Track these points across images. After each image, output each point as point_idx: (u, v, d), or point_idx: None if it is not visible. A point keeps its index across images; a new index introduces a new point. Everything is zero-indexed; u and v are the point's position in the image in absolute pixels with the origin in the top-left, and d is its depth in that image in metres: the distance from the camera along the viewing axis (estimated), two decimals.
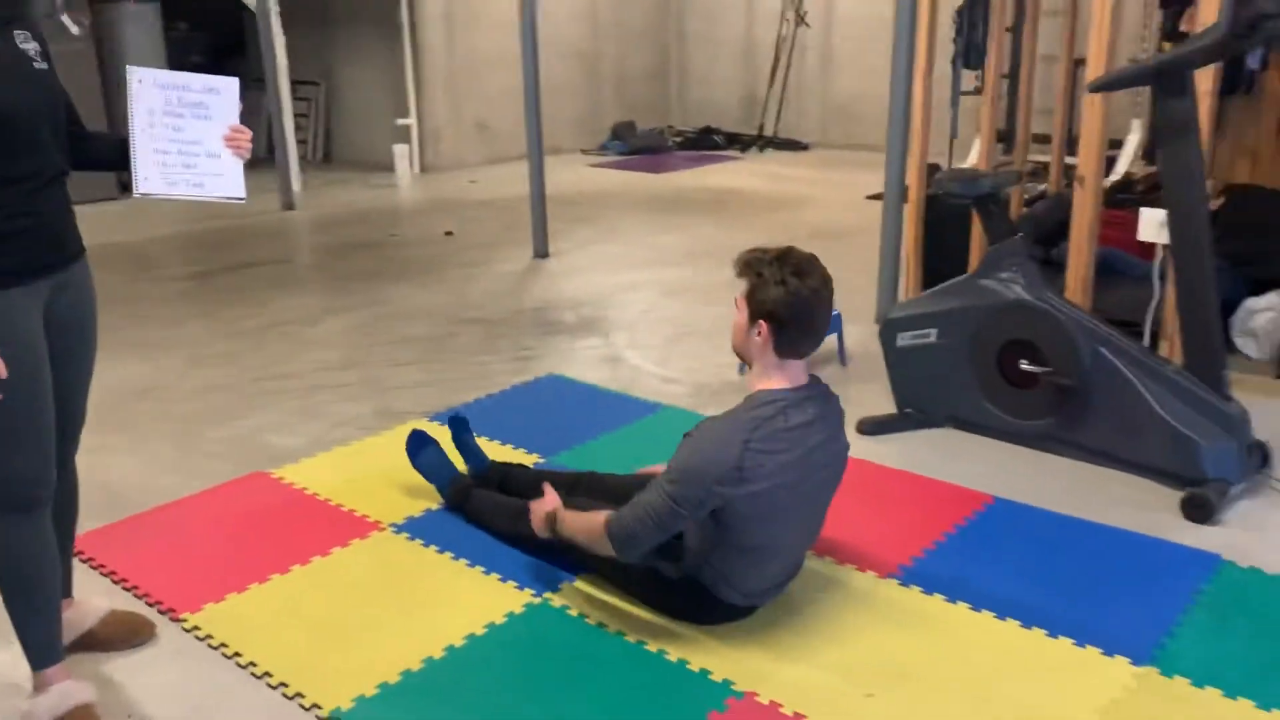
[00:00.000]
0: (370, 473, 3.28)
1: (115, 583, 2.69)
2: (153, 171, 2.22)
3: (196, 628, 2.50)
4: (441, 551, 2.81)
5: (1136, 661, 2.32)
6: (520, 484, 2.96)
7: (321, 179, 8.62)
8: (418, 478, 3.18)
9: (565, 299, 5.24)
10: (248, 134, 2.32)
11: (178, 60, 7.98)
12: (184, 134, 2.26)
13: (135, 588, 2.66)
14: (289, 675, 2.32)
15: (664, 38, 10.99)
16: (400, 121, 8.82)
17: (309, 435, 3.59)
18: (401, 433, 3.59)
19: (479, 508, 2.92)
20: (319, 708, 2.22)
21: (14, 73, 2.02)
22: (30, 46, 2.07)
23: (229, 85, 2.32)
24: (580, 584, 2.65)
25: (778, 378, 2.35)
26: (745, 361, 2.44)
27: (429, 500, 3.08)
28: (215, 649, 2.42)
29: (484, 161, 9.41)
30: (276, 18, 7.41)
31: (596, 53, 10.33)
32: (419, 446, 3.09)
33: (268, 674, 2.33)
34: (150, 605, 2.59)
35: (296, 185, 7.62)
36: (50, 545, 2.15)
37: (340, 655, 2.39)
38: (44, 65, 2.09)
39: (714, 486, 2.22)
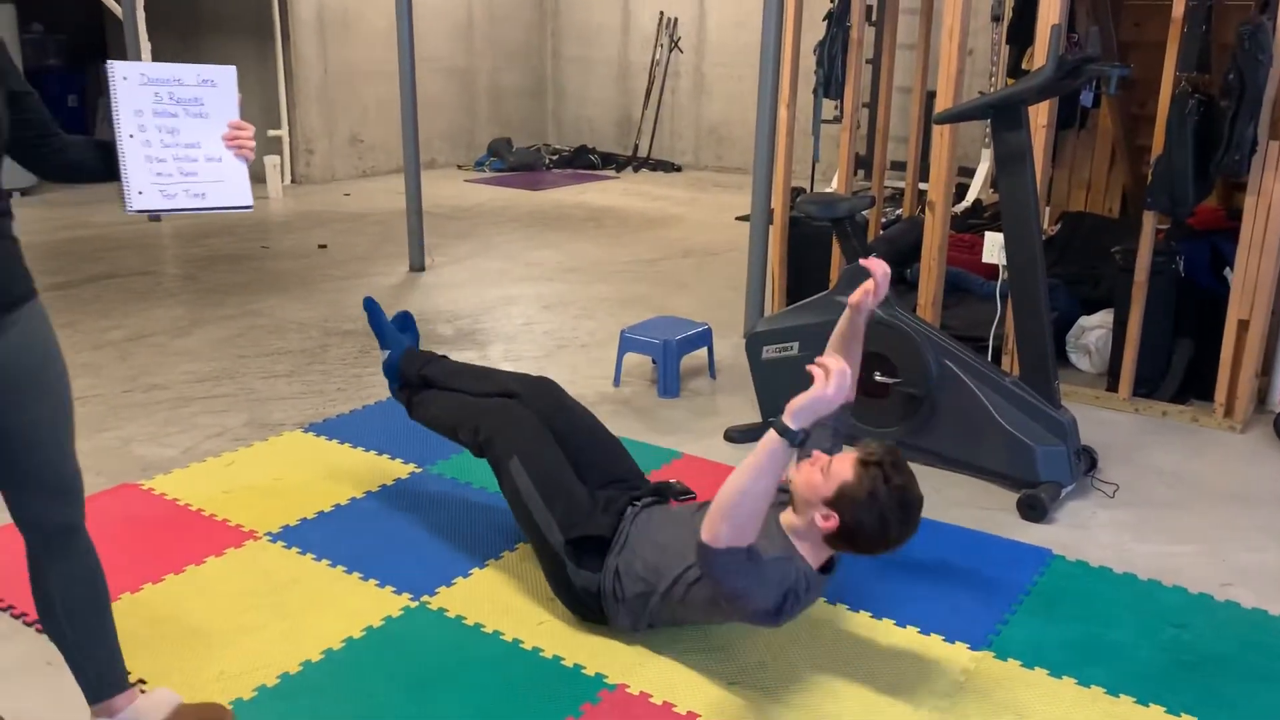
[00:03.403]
0: (245, 483, 3.28)
1: None
2: (146, 184, 1.94)
3: None
4: (319, 559, 2.85)
5: (975, 646, 2.53)
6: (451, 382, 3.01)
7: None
8: (293, 487, 3.20)
9: (442, 312, 5.28)
10: (250, 129, 2.04)
11: (33, 64, 7.71)
12: (179, 136, 1.98)
13: (0, 599, 2.62)
14: (163, 681, 2.31)
15: (540, 57, 11.11)
16: (271, 133, 8.69)
17: (181, 446, 3.56)
18: (277, 444, 3.61)
19: (430, 400, 2.97)
20: None
21: None
22: None
23: (226, 75, 2.04)
24: (458, 586, 2.72)
25: (813, 552, 2.31)
26: (793, 509, 2.34)
27: (305, 509, 3.11)
28: None
29: (357, 175, 9.35)
30: (142, 23, 7.24)
31: (472, 69, 10.38)
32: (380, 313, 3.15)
33: (142, 681, 2.32)
34: (15, 617, 2.55)
35: None
36: None
37: (217, 661, 2.40)
38: None
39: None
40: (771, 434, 2.09)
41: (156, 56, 7.50)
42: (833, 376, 2.10)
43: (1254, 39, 3.50)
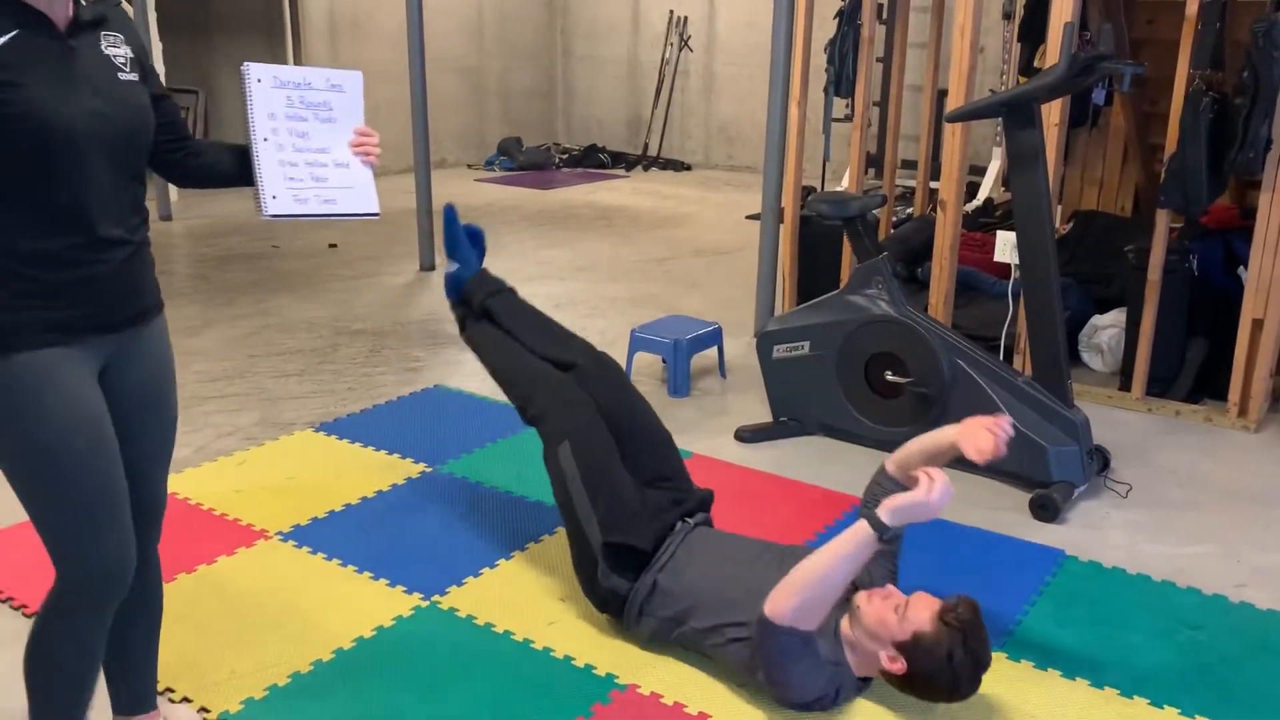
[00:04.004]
0: (256, 482, 3.29)
1: None
2: (281, 188, 1.90)
3: None
4: (329, 559, 2.85)
5: None
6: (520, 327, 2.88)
7: (199, 189, 8.43)
8: (304, 486, 3.20)
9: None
10: (376, 136, 2.01)
11: None
12: (310, 141, 1.94)
13: (11, 599, 2.62)
14: (175, 680, 2.33)
15: (550, 56, 11.11)
16: None
17: (193, 445, 3.57)
18: (288, 443, 3.61)
19: (489, 340, 2.86)
20: (206, 711, 2.24)
21: (85, 82, 1.66)
22: (119, 52, 1.74)
23: (353, 80, 2.00)
24: (469, 586, 2.72)
25: (858, 666, 2.28)
26: (853, 625, 2.24)
27: (316, 509, 3.11)
28: None
29: None
30: (153, 23, 7.26)
31: (482, 69, 10.39)
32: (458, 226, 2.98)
33: None
34: (28, 616, 2.55)
35: (173, 194, 7.46)
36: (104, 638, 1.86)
37: (228, 659, 2.41)
38: (132, 75, 1.75)
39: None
40: (862, 524, 2.09)
41: (167, 57, 7.53)
42: (938, 486, 2.10)
43: (1268, 36, 3.47)
